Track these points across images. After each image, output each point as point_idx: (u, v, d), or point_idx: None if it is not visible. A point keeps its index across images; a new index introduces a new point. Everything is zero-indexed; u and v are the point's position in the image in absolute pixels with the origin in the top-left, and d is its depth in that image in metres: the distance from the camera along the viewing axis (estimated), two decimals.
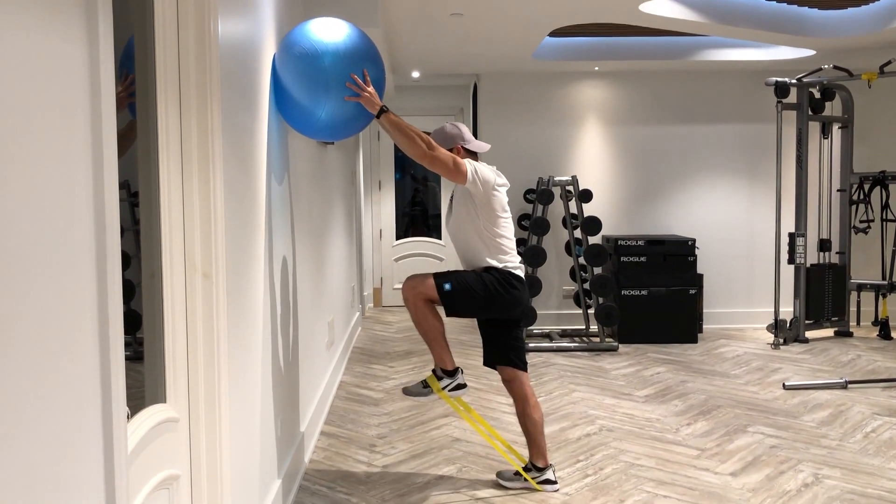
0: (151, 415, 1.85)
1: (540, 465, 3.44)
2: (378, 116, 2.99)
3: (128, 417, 1.53)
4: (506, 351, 3.44)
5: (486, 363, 3.53)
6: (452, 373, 3.37)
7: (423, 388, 3.38)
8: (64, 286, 1.27)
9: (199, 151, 2.08)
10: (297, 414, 3.58)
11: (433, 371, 3.40)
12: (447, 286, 3.25)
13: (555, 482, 3.43)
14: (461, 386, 3.39)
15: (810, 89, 6.50)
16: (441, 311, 3.36)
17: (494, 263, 3.30)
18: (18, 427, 1.13)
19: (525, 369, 3.45)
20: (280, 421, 3.14)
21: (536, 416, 3.42)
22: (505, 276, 3.30)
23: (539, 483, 3.41)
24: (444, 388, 3.35)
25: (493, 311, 3.36)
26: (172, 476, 1.95)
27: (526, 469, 3.46)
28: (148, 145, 2.00)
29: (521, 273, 3.37)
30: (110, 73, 1.42)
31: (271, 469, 2.96)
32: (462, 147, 3.37)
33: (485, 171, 3.27)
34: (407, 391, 3.42)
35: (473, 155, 3.41)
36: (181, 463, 2.04)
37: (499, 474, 3.56)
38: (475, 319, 3.61)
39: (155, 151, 1.98)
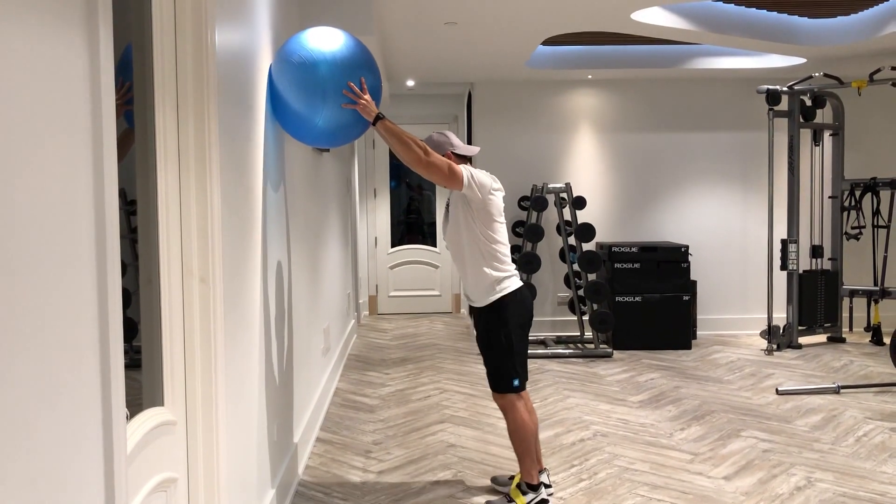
0: (149, 417, 1.88)
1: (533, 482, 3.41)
2: (374, 124, 3.02)
3: (127, 419, 1.55)
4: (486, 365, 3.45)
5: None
6: (537, 487, 3.34)
7: (508, 501, 3.33)
8: (65, 290, 1.29)
9: (196, 159, 2.11)
10: (292, 420, 3.59)
11: (517, 486, 3.35)
12: (516, 382, 3.29)
13: (546, 502, 3.38)
14: (544, 502, 3.34)
15: (801, 97, 6.56)
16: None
17: (490, 273, 3.30)
18: (22, 426, 1.15)
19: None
20: (276, 426, 3.15)
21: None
22: (504, 303, 3.30)
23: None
24: (528, 503, 3.32)
25: (527, 328, 3.41)
26: (170, 479, 1.97)
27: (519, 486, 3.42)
28: (146, 153, 2.02)
29: (516, 280, 3.36)
30: (111, 81, 1.44)
31: (267, 474, 2.97)
32: (452, 153, 3.37)
33: (480, 175, 3.28)
34: None
35: (466, 160, 3.43)
36: (178, 466, 2.06)
37: (493, 479, 3.57)
38: (474, 334, 3.60)
39: (152, 159, 2.01)
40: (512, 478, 3.49)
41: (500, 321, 3.31)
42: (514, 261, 3.31)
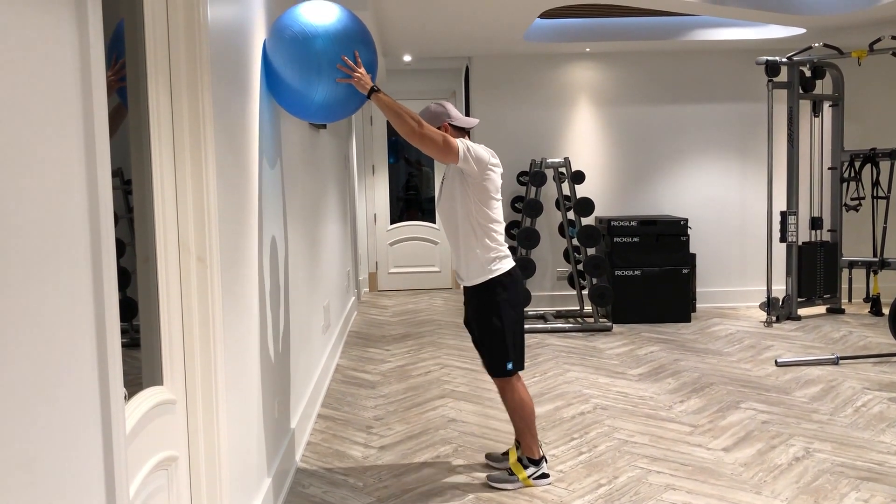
0: (148, 397, 1.88)
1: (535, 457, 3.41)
2: (369, 97, 2.99)
3: (125, 399, 1.55)
4: (478, 348, 3.45)
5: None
6: (538, 461, 3.35)
7: (510, 475, 3.33)
8: (60, 270, 1.29)
9: (190, 136, 2.09)
10: (293, 396, 3.61)
11: (519, 459, 3.36)
12: (510, 366, 3.28)
13: (547, 475, 3.40)
14: (545, 475, 3.36)
15: (801, 68, 6.51)
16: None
17: (483, 254, 3.24)
18: (18, 408, 1.15)
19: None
20: (277, 403, 3.17)
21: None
22: (495, 283, 3.26)
23: (534, 479, 3.38)
24: (529, 477, 3.32)
25: (521, 309, 3.37)
26: (171, 457, 1.98)
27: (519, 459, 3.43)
28: (139, 131, 2.01)
29: (510, 261, 3.31)
30: (101, 58, 1.43)
31: (269, 450, 2.99)
32: (449, 124, 3.31)
33: (478, 149, 3.21)
34: (492, 479, 3.35)
35: (463, 132, 3.36)
36: (179, 445, 2.06)
37: (488, 456, 3.57)
38: (465, 323, 3.56)
39: (146, 136, 1.99)
40: (506, 453, 3.49)
41: (492, 304, 3.27)
42: (512, 236, 3.30)
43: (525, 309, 6.63)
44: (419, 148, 3.14)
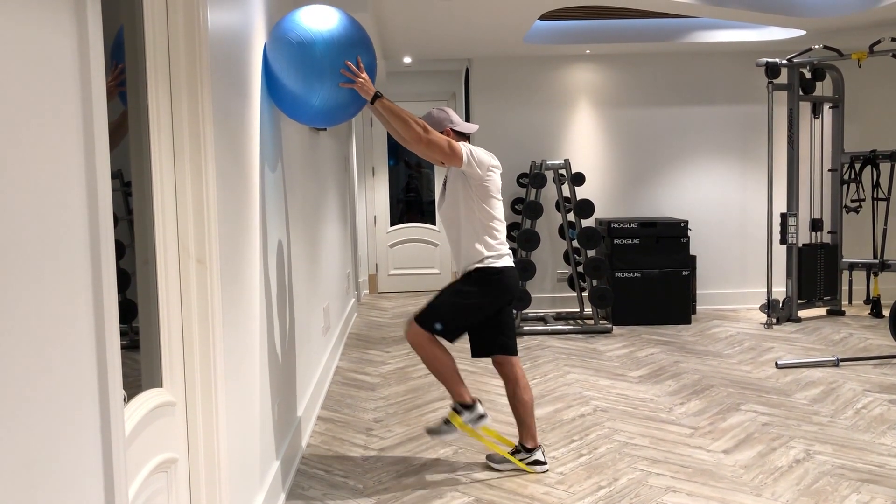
0: (148, 399, 1.88)
1: (529, 445, 3.47)
2: (373, 102, 3.02)
3: (124, 401, 1.55)
4: (494, 338, 3.45)
5: (474, 355, 3.52)
6: (471, 406, 3.39)
7: (445, 424, 3.39)
8: (59, 272, 1.29)
9: (190, 139, 2.09)
10: (294, 398, 3.61)
11: (452, 408, 3.41)
12: (438, 326, 3.31)
13: (544, 462, 3.46)
14: (482, 416, 3.41)
15: (801, 69, 6.51)
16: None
17: (481, 253, 3.32)
18: (16, 411, 1.15)
19: (515, 352, 3.48)
20: (277, 405, 3.17)
21: (526, 398, 3.45)
22: (484, 275, 3.32)
23: (528, 464, 3.44)
24: (465, 423, 3.38)
25: (489, 311, 3.39)
26: (170, 459, 1.98)
27: (515, 451, 3.48)
28: (139, 134, 2.01)
29: (509, 260, 3.38)
30: (100, 57, 1.43)
31: (269, 452, 2.99)
32: (451, 129, 3.41)
33: (479, 152, 3.32)
34: (431, 431, 3.43)
35: (465, 137, 3.44)
36: (179, 447, 2.06)
37: (489, 457, 3.58)
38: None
39: (146, 139, 2.00)
40: (507, 454, 3.50)
41: (469, 284, 3.34)
42: (512, 238, 3.33)
43: (525, 310, 6.66)
44: (423, 152, 3.21)
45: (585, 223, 6.69)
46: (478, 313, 3.37)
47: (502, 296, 3.38)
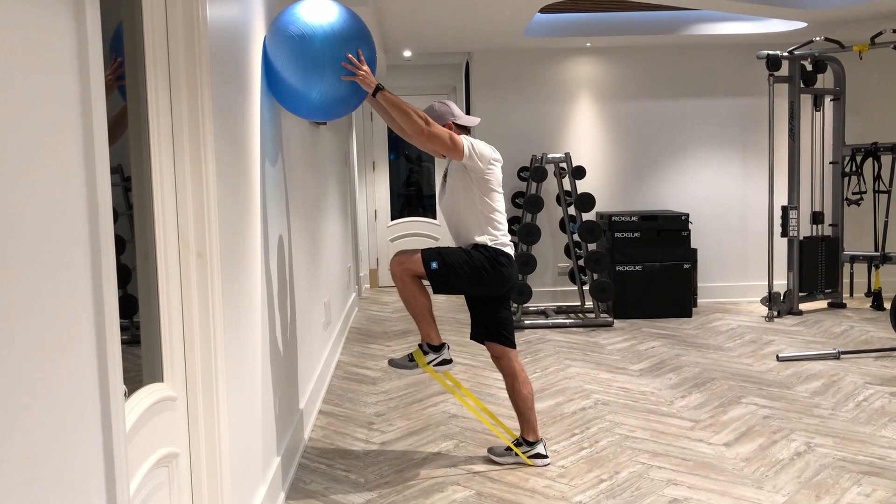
0: (149, 393, 1.88)
1: (530, 439, 3.47)
2: (374, 94, 3.02)
3: (125, 396, 1.55)
4: (493, 326, 3.45)
5: (472, 337, 3.54)
6: (438, 348, 3.41)
7: (409, 361, 3.41)
8: (59, 267, 1.29)
9: (190, 133, 2.09)
10: (295, 392, 3.61)
11: (419, 346, 3.43)
12: (434, 264, 3.29)
13: (545, 456, 3.47)
14: (447, 361, 3.42)
15: (802, 62, 6.50)
16: (429, 286, 3.40)
17: (485, 240, 3.33)
18: (18, 406, 1.15)
19: (513, 346, 3.47)
20: (279, 399, 3.17)
21: (525, 392, 3.45)
22: (493, 253, 3.32)
23: (529, 457, 3.45)
24: (429, 363, 3.39)
25: (481, 290, 3.39)
26: (171, 454, 1.98)
27: (517, 444, 3.49)
28: (139, 128, 2.01)
29: (510, 251, 3.40)
30: (99, 52, 1.42)
31: (271, 447, 2.99)
32: (453, 123, 3.41)
33: (481, 146, 3.33)
34: (392, 363, 3.46)
35: (466, 130, 3.45)
36: (180, 441, 2.07)
37: (490, 450, 3.59)
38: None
39: (146, 134, 1.99)
40: (508, 448, 3.51)
41: (478, 251, 3.32)
42: (513, 232, 3.34)
43: (526, 304, 6.66)
44: (424, 145, 3.21)
45: (586, 217, 6.68)
46: (473, 279, 3.31)
47: (500, 280, 3.36)
